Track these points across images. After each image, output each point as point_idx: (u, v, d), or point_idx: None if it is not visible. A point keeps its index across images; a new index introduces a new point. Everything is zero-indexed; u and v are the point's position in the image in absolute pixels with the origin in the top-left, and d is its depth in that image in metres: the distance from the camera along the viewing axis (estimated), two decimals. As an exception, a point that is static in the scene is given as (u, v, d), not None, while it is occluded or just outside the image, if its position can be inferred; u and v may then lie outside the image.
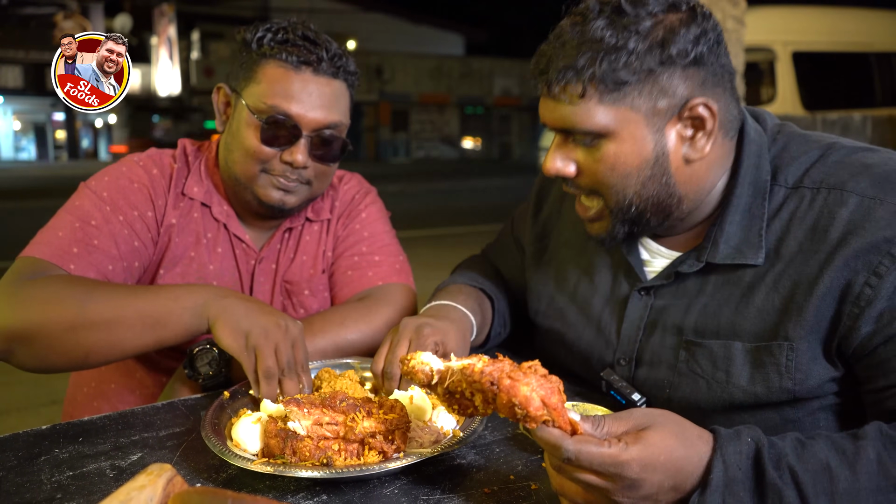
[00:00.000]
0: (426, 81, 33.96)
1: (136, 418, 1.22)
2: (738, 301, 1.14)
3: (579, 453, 0.80)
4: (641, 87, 1.07)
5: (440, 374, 0.94)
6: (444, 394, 0.94)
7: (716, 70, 1.10)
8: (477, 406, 0.90)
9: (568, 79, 1.09)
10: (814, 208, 1.10)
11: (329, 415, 1.01)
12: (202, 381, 1.33)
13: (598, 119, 1.09)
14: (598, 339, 1.32)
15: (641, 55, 1.06)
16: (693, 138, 1.12)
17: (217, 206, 1.57)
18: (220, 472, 1.03)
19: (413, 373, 0.96)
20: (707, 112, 1.10)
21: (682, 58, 1.06)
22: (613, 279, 1.33)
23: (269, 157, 1.45)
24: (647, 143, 1.10)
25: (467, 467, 1.05)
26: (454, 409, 0.94)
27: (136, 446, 1.11)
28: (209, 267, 1.53)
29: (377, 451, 1.00)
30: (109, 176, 1.49)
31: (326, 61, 1.45)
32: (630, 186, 1.13)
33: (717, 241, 1.16)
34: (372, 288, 1.58)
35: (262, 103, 1.42)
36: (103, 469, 1.04)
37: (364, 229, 1.67)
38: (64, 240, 1.37)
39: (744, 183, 1.16)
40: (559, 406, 0.83)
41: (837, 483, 0.84)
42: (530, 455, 1.08)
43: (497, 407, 0.86)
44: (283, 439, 0.99)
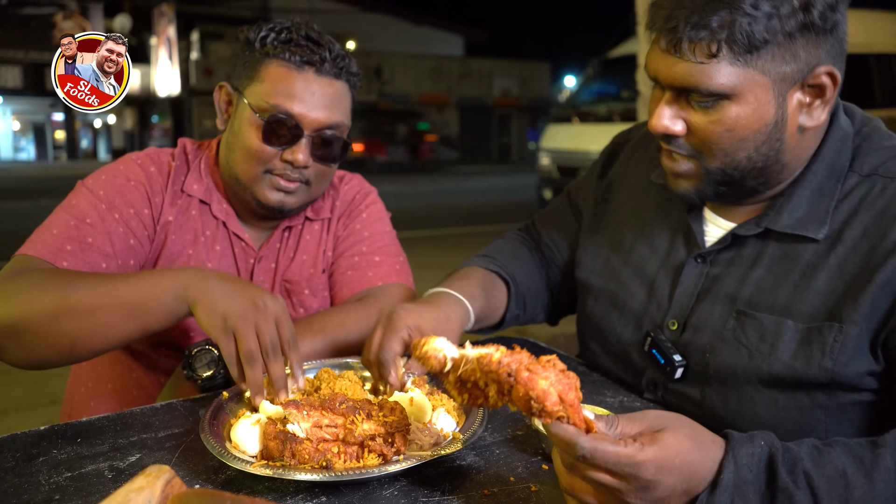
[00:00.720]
0: (426, 82, 33.96)
1: (135, 419, 1.22)
2: (798, 280, 1.13)
3: (595, 451, 0.78)
4: (776, 50, 1.04)
5: (454, 361, 0.92)
6: (455, 382, 0.92)
7: (842, 38, 1.09)
8: (489, 397, 0.88)
9: (701, 37, 1.04)
10: (885, 196, 1.10)
11: (328, 417, 1.01)
12: (201, 383, 1.32)
13: (725, 80, 1.06)
14: (651, 302, 1.33)
15: (784, 18, 1.02)
16: (811, 105, 1.11)
17: (216, 205, 1.57)
18: (219, 473, 1.02)
19: (425, 358, 0.95)
20: (829, 81, 1.09)
21: (822, 23, 1.04)
22: (671, 244, 1.33)
23: (271, 157, 1.45)
24: (770, 108, 1.08)
25: (467, 469, 1.04)
26: (463, 398, 0.92)
27: (135, 447, 1.11)
28: (207, 265, 1.53)
29: (377, 454, 0.99)
30: (107, 174, 1.49)
31: (329, 62, 1.45)
32: (743, 150, 1.12)
33: (781, 209, 1.16)
34: (371, 288, 1.58)
35: (265, 102, 1.43)
36: (101, 470, 1.03)
37: (364, 229, 1.67)
38: (58, 237, 1.36)
39: (822, 163, 1.16)
40: (575, 403, 0.81)
41: (853, 490, 0.83)
42: (530, 457, 1.08)
43: (512, 399, 0.84)
44: (282, 441, 0.98)
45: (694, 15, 1.04)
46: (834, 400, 1.10)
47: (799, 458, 0.85)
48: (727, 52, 1.04)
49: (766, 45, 1.03)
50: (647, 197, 1.41)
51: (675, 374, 1.24)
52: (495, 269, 1.54)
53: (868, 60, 9.11)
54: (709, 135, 1.12)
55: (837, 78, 1.09)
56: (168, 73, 29.91)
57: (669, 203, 1.35)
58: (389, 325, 1.20)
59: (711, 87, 1.07)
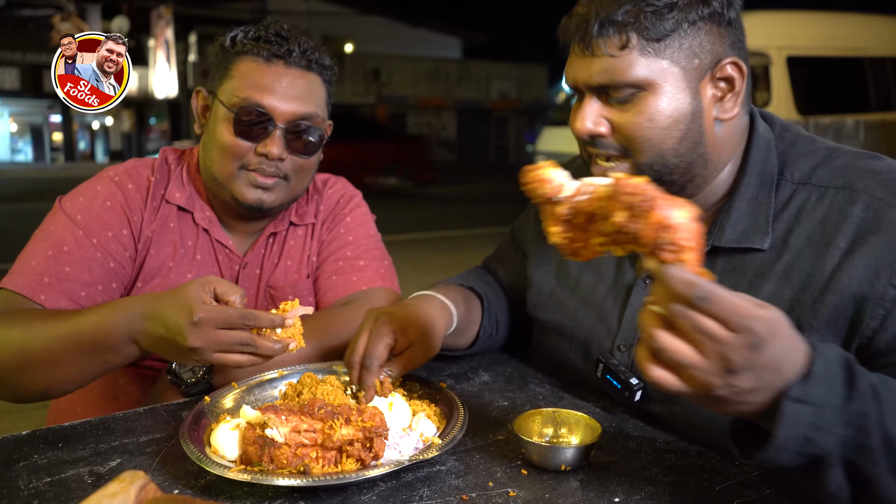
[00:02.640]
0: (424, 84, 33.94)
1: (117, 424, 1.22)
2: (746, 289, 1.14)
3: (716, 294, 0.74)
4: (682, 40, 1.11)
5: (575, 188, 0.86)
6: (560, 215, 0.87)
7: (741, 37, 1.15)
8: (605, 234, 0.81)
9: (611, 32, 1.10)
10: (823, 204, 1.12)
11: (307, 422, 1.01)
12: (185, 388, 1.32)
13: (639, 71, 1.11)
14: (599, 326, 1.33)
15: (684, 7, 1.09)
16: (723, 98, 1.15)
17: (199, 212, 1.56)
18: (199, 478, 1.02)
19: (539, 180, 0.87)
20: (737, 72, 1.14)
21: (721, 15, 1.11)
22: (617, 268, 1.34)
23: (245, 151, 1.45)
24: (685, 98, 1.13)
25: (446, 474, 1.05)
26: (565, 237, 0.88)
27: (116, 452, 1.11)
28: (188, 276, 1.52)
29: (355, 459, 1.00)
30: (84, 196, 1.48)
31: (298, 54, 1.46)
32: (667, 141, 1.14)
33: (723, 225, 1.18)
34: (357, 293, 1.58)
35: (236, 97, 1.44)
36: (81, 475, 1.04)
37: (349, 233, 1.67)
38: (36, 269, 1.38)
39: (752, 172, 1.19)
40: (702, 250, 0.77)
41: None
42: (510, 462, 1.08)
43: (640, 227, 0.77)
44: (260, 446, 0.98)
45: (602, 12, 1.10)
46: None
47: (867, 373, 0.84)
48: (636, 43, 1.10)
49: (672, 34, 1.10)
50: None
51: (635, 397, 1.23)
52: (470, 286, 1.55)
53: (863, 64, 9.15)
54: (632, 129, 1.14)
55: (744, 69, 1.14)
56: (166, 75, 29.90)
57: None
58: (376, 328, 1.20)
59: (627, 78, 1.11)
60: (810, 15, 9.36)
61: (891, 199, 1.07)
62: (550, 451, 1.04)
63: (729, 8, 1.12)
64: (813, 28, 9.06)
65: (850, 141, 7.85)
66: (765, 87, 8.63)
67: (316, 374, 1.27)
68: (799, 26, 9.01)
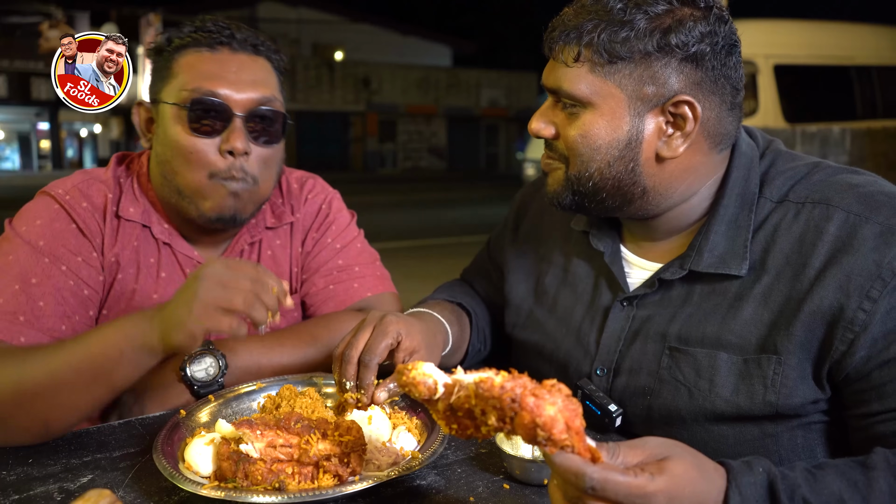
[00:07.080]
0: (413, 92, 34.01)
1: (91, 438, 1.19)
2: (726, 312, 1.13)
3: (605, 482, 0.75)
4: (633, 67, 1.10)
5: (446, 387, 0.85)
6: (445, 410, 0.85)
7: (716, 77, 1.11)
8: (487, 425, 0.80)
9: (568, 40, 1.12)
10: (799, 221, 1.10)
11: (283, 437, 0.98)
12: (196, 388, 1.26)
13: (584, 87, 1.12)
14: (577, 349, 1.30)
15: (641, 35, 1.08)
16: (670, 136, 1.13)
17: (157, 226, 1.43)
18: (172, 495, 1.00)
19: (413, 384, 0.85)
20: (690, 113, 1.10)
21: (681, 50, 1.08)
22: (595, 289, 1.31)
23: (208, 152, 1.32)
24: (623, 125, 1.12)
25: (427, 489, 1.02)
26: (452, 428, 0.86)
27: (88, 468, 1.08)
28: (153, 296, 1.41)
29: (332, 474, 0.97)
30: (42, 219, 1.34)
31: (242, 38, 1.37)
32: (595, 161, 1.15)
33: (701, 249, 1.16)
34: (363, 300, 1.54)
35: (184, 91, 1.31)
36: (51, 492, 1.00)
37: (336, 241, 1.61)
38: (7, 308, 1.25)
39: (731, 194, 1.16)
40: (581, 430, 0.77)
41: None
42: (492, 476, 1.06)
43: (515, 427, 0.77)
44: (235, 462, 0.96)
45: (570, 22, 1.13)
46: (782, 427, 1.10)
47: (797, 485, 0.86)
48: (588, 60, 1.11)
49: (624, 60, 1.09)
50: (568, 245, 1.39)
51: (615, 423, 1.21)
52: (456, 301, 1.51)
53: (849, 72, 9.23)
54: (567, 139, 1.16)
55: (698, 113, 1.10)
56: (155, 83, 29.81)
57: (591, 249, 1.32)
58: (380, 327, 1.14)
59: (572, 90, 1.13)
60: (797, 23, 9.45)
61: (867, 214, 1.05)
62: (533, 465, 1.02)
63: (698, 43, 1.07)
64: (800, 36, 9.15)
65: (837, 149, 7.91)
66: (752, 95, 8.69)
67: (295, 385, 1.24)
68: (786, 35, 9.09)
